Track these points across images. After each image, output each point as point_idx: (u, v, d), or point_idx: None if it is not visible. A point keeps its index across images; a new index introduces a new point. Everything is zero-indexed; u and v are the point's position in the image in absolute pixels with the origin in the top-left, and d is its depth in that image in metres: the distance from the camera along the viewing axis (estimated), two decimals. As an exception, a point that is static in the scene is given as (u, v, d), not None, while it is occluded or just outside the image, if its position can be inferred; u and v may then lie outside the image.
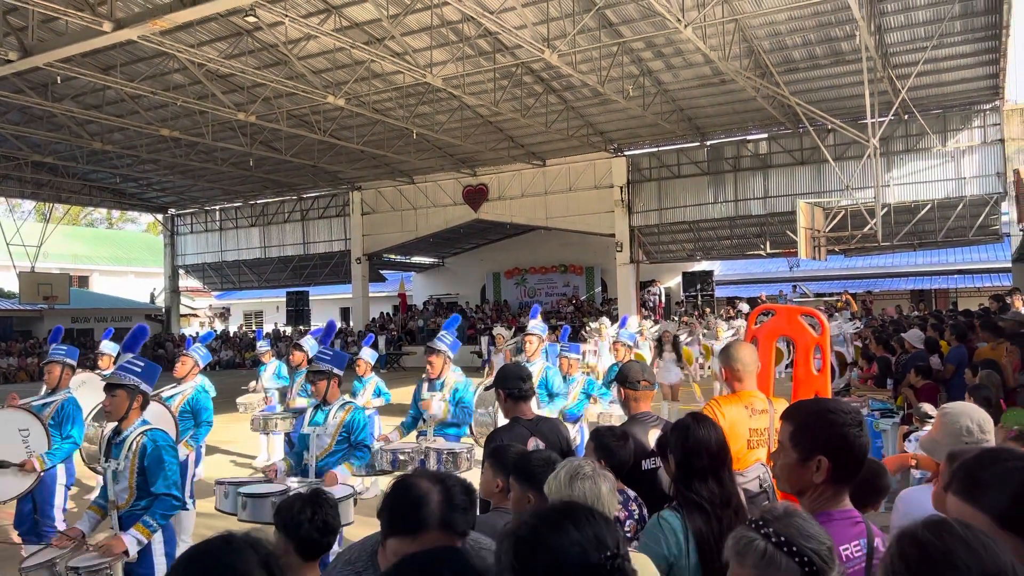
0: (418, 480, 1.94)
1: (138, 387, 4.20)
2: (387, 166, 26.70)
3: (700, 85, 19.59)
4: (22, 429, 5.34)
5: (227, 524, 6.24)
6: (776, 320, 4.77)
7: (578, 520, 1.45)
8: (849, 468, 1.96)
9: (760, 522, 1.58)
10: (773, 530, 1.55)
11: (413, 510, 1.88)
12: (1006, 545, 1.30)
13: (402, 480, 1.97)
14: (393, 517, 1.90)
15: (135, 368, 4.26)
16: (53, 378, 6.05)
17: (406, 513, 1.88)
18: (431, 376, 6.52)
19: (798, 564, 1.51)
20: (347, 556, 2.16)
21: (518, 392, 4.10)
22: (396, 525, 1.89)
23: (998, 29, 16.17)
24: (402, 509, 1.89)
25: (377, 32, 16.06)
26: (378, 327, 30.24)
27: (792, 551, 1.52)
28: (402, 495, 1.92)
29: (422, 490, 1.90)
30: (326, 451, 5.19)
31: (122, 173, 27.39)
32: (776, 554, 1.52)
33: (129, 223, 56.48)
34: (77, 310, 33.69)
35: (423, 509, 1.87)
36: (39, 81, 17.81)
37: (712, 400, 3.71)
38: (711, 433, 2.75)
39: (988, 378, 6.32)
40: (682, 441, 2.71)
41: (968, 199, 20.61)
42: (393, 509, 1.91)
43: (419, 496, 1.89)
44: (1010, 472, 1.47)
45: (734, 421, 3.50)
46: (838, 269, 27.93)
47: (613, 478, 2.54)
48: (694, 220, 24.33)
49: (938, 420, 2.99)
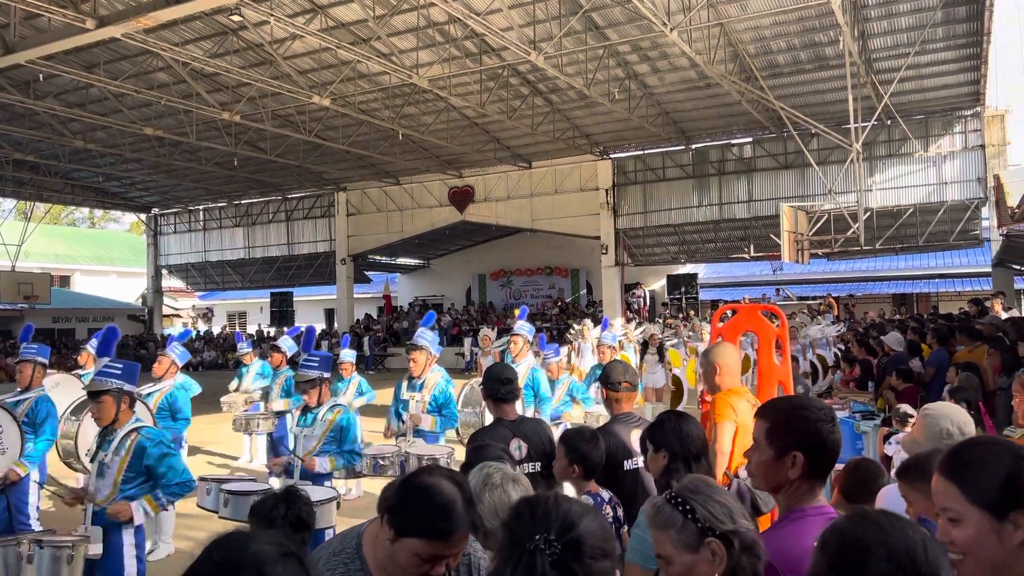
0: (440, 481, 1.93)
1: (122, 389, 4.20)
2: (373, 167, 26.65)
3: (685, 89, 19.68)
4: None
5: (207, 524, 6.20)
6: (738, 318, 5.12)
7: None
8: (823, 463, 1.99)
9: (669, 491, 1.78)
10: (672, 493, 1.75)
11: (445, 514, 1.87)
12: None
13: (422, 481, 1.95)
14: (422, 520, 1.88)
15: (114, 371, 4.25)
16: (25, 377, 5.98)
17: (438, 517, 1.87)
18: (412, 374, 6.50)
19: (681, 513, 1.68)
20: (332, 548, 2.15)
21: (499, 394, 4.09)
22: (425, 529, 1.87)
23: (979, 36, 16.34)
24: (433, 513, 1.88)
25: (363, 32, 16.03)
26: (363, 328, 30.15)
27: (676, 502, 1.71)
28: (429, 498, 1.90)
29: (449, 494, 1.90)
30: (311, 452, 5.19)
31: (105, 172, 27.18)
32: (664, 506, 1.73)
33: (112, 223, 56.06)
34: (58, 310, 33.36)
35: (454, 513, 1.88)
36: (21, 79, 17.63)
37: (720, 394, 3.72)
38: (694, 424, 2.87)
39: (967, 380, 6.38)
40: (676, 432, 2.80)
41: (949, 204, 20.82)
42: (424, 511, 1.89)
43: (449, 500, 1.89)
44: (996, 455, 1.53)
45: (745, 413, 3.53)
46: (821, 273, 28.13)
47: (527, 483, 2.51)
48: (679, 223, 24.44)
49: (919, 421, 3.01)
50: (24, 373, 5.99)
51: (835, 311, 22.32)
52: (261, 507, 2.78)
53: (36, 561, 3.64)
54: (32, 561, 3.63)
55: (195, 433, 10.06)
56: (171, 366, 7.27)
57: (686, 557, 1.66)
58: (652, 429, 2.93)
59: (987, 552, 1.45)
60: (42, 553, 3.66)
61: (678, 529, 1.67)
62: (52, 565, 3.68)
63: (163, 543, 6.59)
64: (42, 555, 3.66)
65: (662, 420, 2.92)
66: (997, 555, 1.44)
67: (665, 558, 1.70)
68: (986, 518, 1.46)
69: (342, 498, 7.72)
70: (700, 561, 1.65)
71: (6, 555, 3.64)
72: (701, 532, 1.66)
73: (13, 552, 3.64)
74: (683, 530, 1.67)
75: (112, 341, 4.97)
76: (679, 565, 1.67)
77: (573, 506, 1.53)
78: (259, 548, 1.38)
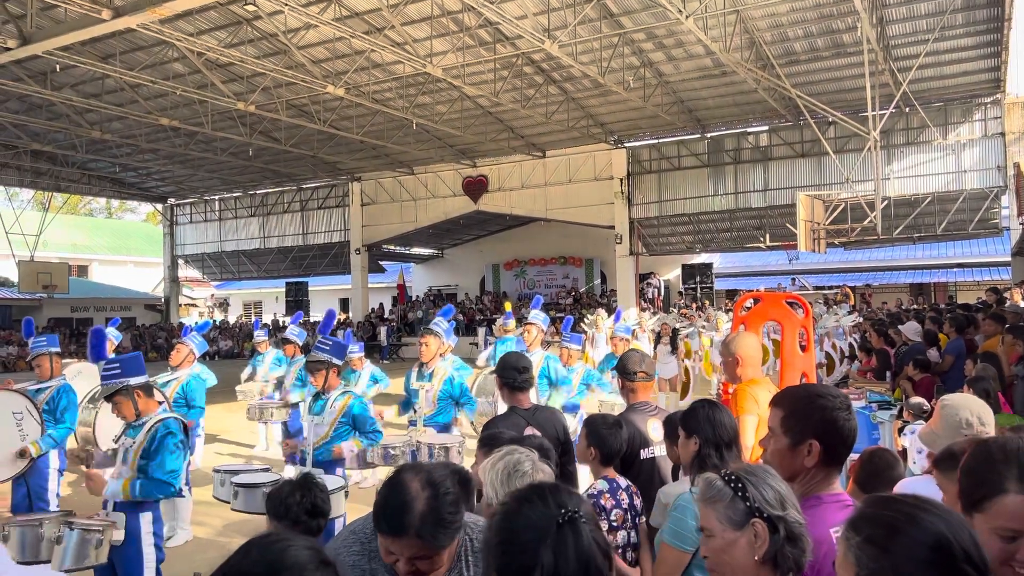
0: (412, 481, 1.91)
1: (128, 385, 4.18)
2: (387, 157, 26.67)
3: (701, 77, 19.54)
4: (16, 412, 5.34)
5: (224, 513, 6.26)
6: (762, 306, 5.00)
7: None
8: (839, 451, 1.99)
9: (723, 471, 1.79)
10: (728, 472, 1.76)
11: (392, 513, 1.87)
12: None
13: (397, 476, 1.95)
14: (377, 512, 1.90)
15: (114, 370, 4.21)
16: (45, 370, 5.99)
17: (386, 513, 1.88)
18: (422, 359, 6.56)
19: (732, 489, 1.69)
20: (353, 526, 2.18)
21: (514, 382, 4.09)
22: (377, 521, 1.90)
23: (1000, 22, 16.12)
24: (384, 508, 1.89)
25: (377, 21, 16.00)
26: (378, 318, 30.26)
27: (729, 479, 1.72)
28: (389, 493, 1.91)
29: (410, 494, 1.88)
30: (323, 439, 5.19)
31: (121, 162, 27.36)
32: (715, 481, 1.73)
33: (128, 213, 56.39)
34: (76, 299, 33.66)
35: (404, 515, 1.86)
36: (38, 69, 17.76)
37: (741, 386, 3.70)
38: (726, 413, 2.93)
39: (986, 370, 6.31)
40: (708, 420, 2.85)
41: (968, 192, 20.59)
42: (379, 505, 1.90)
43: (405, 501, 1.87)
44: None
45: (767, 404, 3.52)
46: (837, 262, 27.90)
47: (551, 471, 2.52)
48: (694, 212, 24.32)
49: (937, 412, 2.98)
50: (43, 367, 6.01)
51: (851, 301, 22.16)
52: (277, 494, 2.80)
53: (66, 541, 3.65)
54: (61, 542, 3.65)
55: (211, 422, 10.16)
56: (189, 355, 7.31)
57: (729, 534, 1.67)
58: (685, 416, 2.97)
59: None
60: (71, 535, 3.68)
61: (726, 504, 1.69)
62: (80, 547, 3.69)
63: (181, 529, 6.65)
64: (71, 536, 3.68)
65: (695, 407, 2.96)
66: None
67: (708, 531, 1.72)
68: None
69: (357, 486, 7.79)
70: (742, 540, 1.66)
71: (24, 535, 3.65)
72: (748, 512, 1.67)
73: (33, 533, 3.66)
74: (730, 506, 1.68)
75: (100, 345, 4.95)
76: (720, 540, 1.68)
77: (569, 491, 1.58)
78: (298, 554, 1.38)
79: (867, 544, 1.30)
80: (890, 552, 1.27)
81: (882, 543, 1.28)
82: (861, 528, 1.33)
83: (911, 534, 1.27)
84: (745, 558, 1.65)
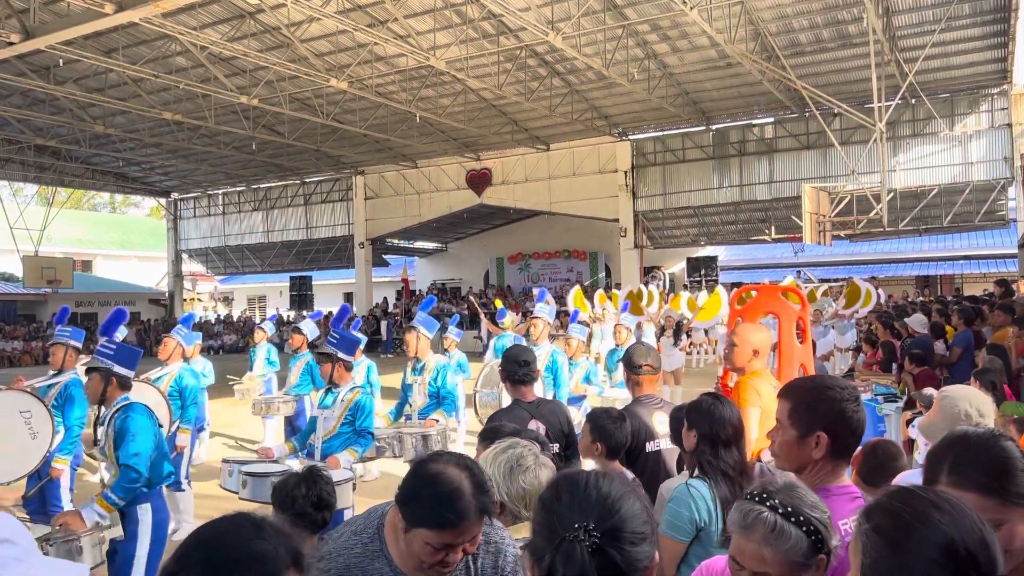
0: (447, 468, 1.89)
1: (111, 369, 4.24)
2: (390, 150, 26.64)
3: (705, 68, 19.45)
4: (23, 411, 5.34)
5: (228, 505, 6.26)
6: (759, 299, 5.01)
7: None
8: (847, 443, 1.97)
9: (764, 494, 1.61)
10: (779, 501, 1.58)
11: (451, 503, 1.84)
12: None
13: (428, 469, 1.90)
14: (429, 510, 1.85)
15: (107, 351, 4.30)
16: (57, 360, 5.99)
17: (445, 506, 1.84)
18: (409, 354, 6.78)
19: (805, 533, 1.56)
20: (354, 526, 2.15)
21: (517, 375, 4.07)
22: (433, 519, 1.84)
23: (1007, 12, 16.01)
24: (439, 503, 1.84)
25: (380, 14, 15.96)
26: (381, 312, 30.27)
27: (800, 520, 1.56)
28: (435, 488, 1.86)
29: (455, 481, 1.86)
30: (330, 433, 5.22)
31: (125, 157, 27.36)
32: (784, 525, 1.56)
33: (132, 207, 56.50)
34: (81, 294, 33.75)
35: (461, 501, 1.84)
36: (41, 64, 17.76)
37: (743, 379, 3.70)
38: (730, 408, 2.89)
39: (992, 362, 6.28)
40: (708, 415, 2.81)
41: (975, 184, 20.49)
42: (430, 501, 1.85)
43: (456, 487, 1.85)
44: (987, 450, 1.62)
45: (769, 397, 3.50)
46: (843, 255, 27.85)
47: (553, 465, 2.50)
48: (699, 205, 24.25)
49: (937, 404, 2.98)
50: (57, 355, 5.99)
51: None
52: (283, 486, 2.82)
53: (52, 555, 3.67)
54: (48, 555, 3.66)
55: (214, 416, 10.14)
56: (176, 348, 7.32)
57: (794, 570, 1.57)
58: (689, 407, 2.97)
59: None
60: (52, 550, 3.69)
61: (801, 550, 1.56)
62: (66, 557, 3.71)
63: (186, 523, 6.66)
64: (56, 550, 3.69)
65: (700, 400, 2.95)
66: None
67: (765, 572, 1.59)
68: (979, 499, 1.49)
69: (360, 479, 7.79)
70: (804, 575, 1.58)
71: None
72: (816, 551, 1.58)
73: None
74: (804, 551, 1.57)
75: (117, 322, 4.99)
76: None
77: (614, 487, 1.47)
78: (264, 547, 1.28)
79: (874, 533, 1.30)
80: (896, 546, 1.28)
81: (889, 535, 1.29)
82: (873, 517, 1.33)
83: (919, 530, 1.27)
84: None
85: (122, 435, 4.04)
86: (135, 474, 3.97)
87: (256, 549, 1.26)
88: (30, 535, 1.49)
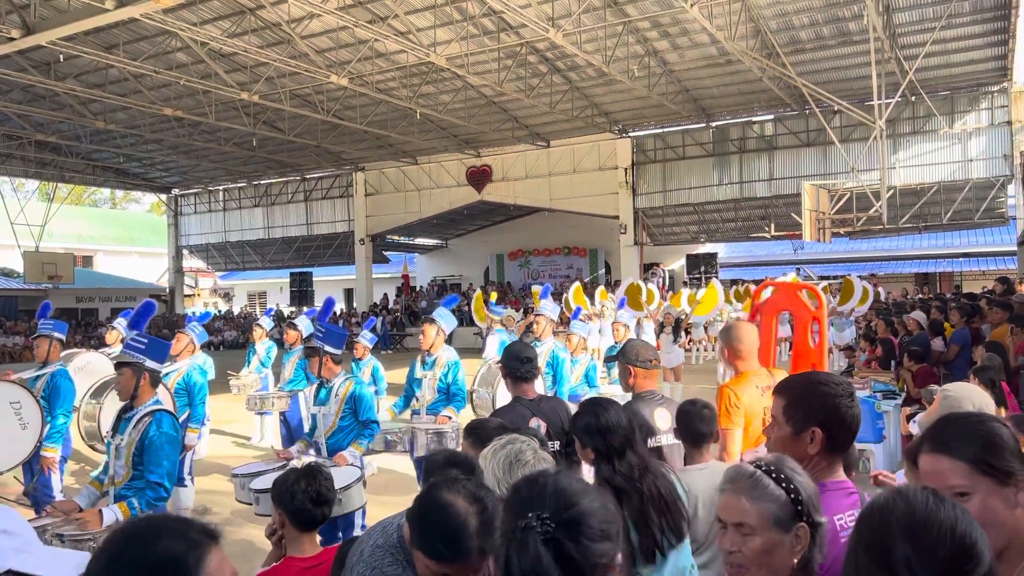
0: (456, 500, 1.85)
1: (143, 364, 4.07)
2: (390, 147, 26.63)
3: (706, 66, 19.45)
4: (13, 402, 5.39)
5: (227, 502, 6.28)
6: (777, 296, 4.94)
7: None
8: (842, 438, 1.98)
9: (753, 462, 1.70)
10: (765, 463, 1.67)
11: (452, 540, 1.81)
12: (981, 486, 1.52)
13: (438, 497, 1.87)
14: (429, 540, 1.83)
15: (139, 345, 4.12)
16: (42, 352, 6.15)
17: (444, 541, 1.82)
18: (423, 346, 6.53)
19: (785, 491, 1.61)
20: (373, 540, 2.14)
21: (517, 372, 4.06)
22: (430, 550, 1.83)
23: (1007, 10, 16.00)
24: (440, 536, 1.82)
25: (381, 11, 15.95)
26: (381, 308, 30.29)
27: (780, 478, 1.63)
28: (439, 519, 1.84)
29: (462, 516, 1.83)
30: (331, 428, 5.22)
31: (125, 153, 27.38)
32: (764, 478, 1.63)
33: (133, 203, 56.46)
34: (81, 290, 33.78)
35: (462, 541, 1.81)
36: (42, 60, 17.75)
37: (724, 386, 3.68)
38: (614, 411, 2.78)
39: (990, 360, 6.30)
40: (598, 431, 2.71)
41: (974, 181, 20.50)
42: (432, 532, 1.83)
43: (460, 524, 1.82)
44: (974, 424, 1.64)
45: (750, 402, 3.49)
46: (842, 252, 27.83)
47: (552, 461, 2.45)
48: (699, 202, 24.27)
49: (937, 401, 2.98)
50: (41, 348, 6.15)
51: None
52: (282, 483, 2.83)
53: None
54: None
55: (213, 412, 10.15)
56: (188, 344, 7.33)
57: (774, 534, 1.61)
58: (576, 424, 2.85)
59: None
60: (65, 547, 3.66)
61: (779, 506, 1.61)
62: None
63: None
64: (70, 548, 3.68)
65: (578, 414, 2.85)
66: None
67: (747, 528, 1.62)
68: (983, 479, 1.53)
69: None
70: (786, 541, 1.61)
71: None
72: (796, 515, 1.61)
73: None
74: (783, 507, 1.61)
75: (146, 315, 4.97)
76: (763, 540, 1.61)
77: (573, 483, 1.46)
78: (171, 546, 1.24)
79: (858, 522, 1.36)
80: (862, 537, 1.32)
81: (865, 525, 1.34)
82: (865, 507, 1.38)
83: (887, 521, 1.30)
84: (785, 561, 1.61)
85: (152, 448, 3.90)
86: (164, 492, 3.93)
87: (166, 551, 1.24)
88: (30, 527, 1.52)
